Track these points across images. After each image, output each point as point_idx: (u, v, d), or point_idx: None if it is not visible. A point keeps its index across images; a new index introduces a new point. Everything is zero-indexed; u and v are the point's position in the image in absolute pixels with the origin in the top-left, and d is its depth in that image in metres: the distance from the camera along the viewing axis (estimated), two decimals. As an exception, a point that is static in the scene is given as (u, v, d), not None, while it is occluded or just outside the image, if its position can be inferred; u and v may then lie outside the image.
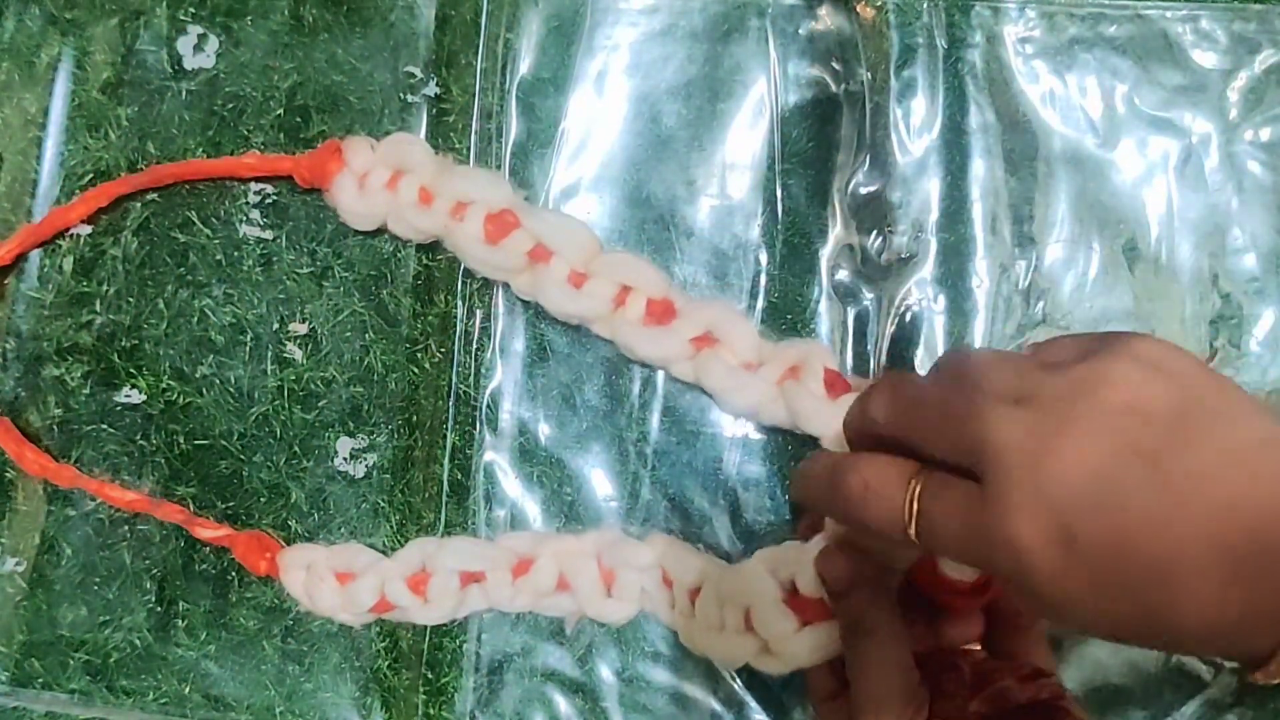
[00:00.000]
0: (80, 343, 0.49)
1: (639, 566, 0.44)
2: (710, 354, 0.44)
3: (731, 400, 0.44)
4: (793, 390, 0.42)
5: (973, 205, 0.46)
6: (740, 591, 0.41)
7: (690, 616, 0.43)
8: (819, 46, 0.48)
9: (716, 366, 0.44)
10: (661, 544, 0.44)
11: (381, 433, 0.48)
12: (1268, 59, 0.46)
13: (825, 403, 0.42)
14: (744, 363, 0.44)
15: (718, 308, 0.44)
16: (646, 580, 0.44)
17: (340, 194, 0.46)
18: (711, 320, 0.44)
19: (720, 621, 0.42)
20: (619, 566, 0.44)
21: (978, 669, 0.37)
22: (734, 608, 0.41)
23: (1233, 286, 0.45)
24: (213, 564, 0.48)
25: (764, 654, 0.41)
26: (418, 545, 0.45)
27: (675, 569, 0.44)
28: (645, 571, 0.44)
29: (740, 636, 0.41)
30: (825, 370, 0.42)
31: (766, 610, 0.40)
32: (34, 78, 0.50)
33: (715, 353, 0.44)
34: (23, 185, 0.50)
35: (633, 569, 0.44)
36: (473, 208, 0.44)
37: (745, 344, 0.44)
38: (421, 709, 0.46)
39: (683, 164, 0.47)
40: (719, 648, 0.42)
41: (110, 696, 0.47)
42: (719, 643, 0.42)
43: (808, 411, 0.42)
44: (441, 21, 0.49)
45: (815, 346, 0.44)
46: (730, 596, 0.41)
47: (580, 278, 0.44)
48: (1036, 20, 0.47)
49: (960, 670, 0.37)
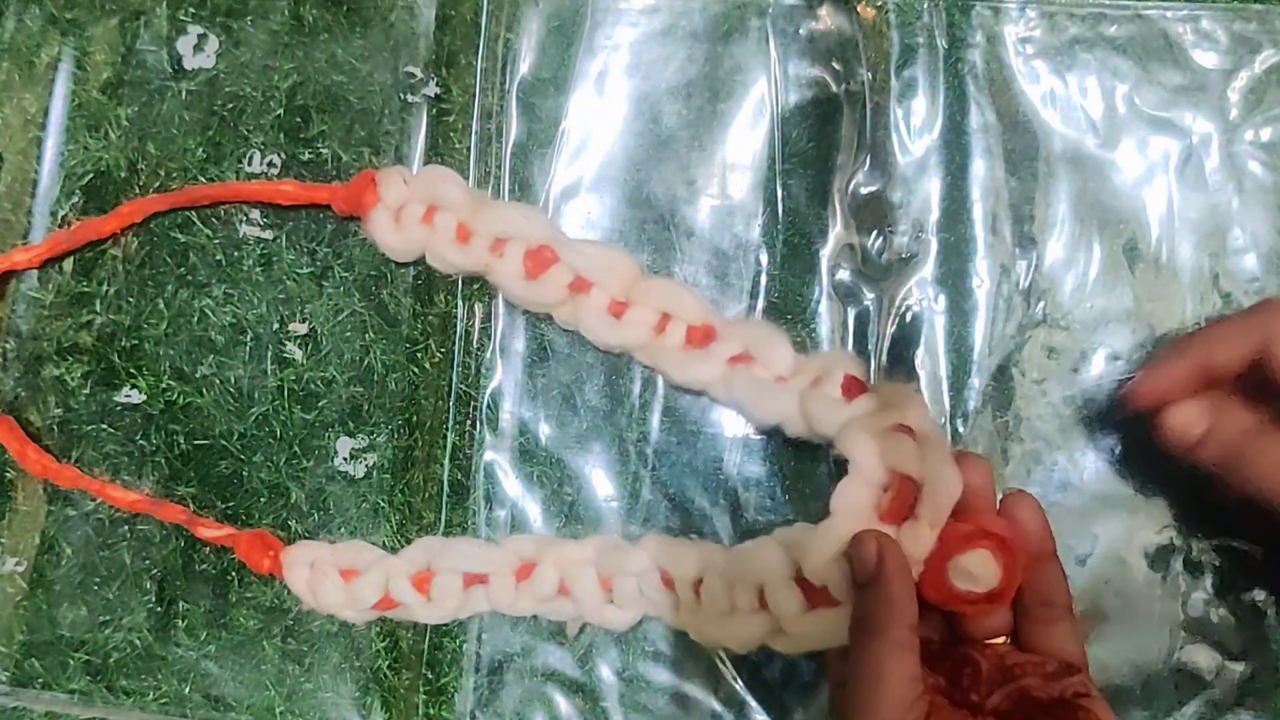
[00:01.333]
0: (80, 343, 0.49)
1: (634, 571, 0.44)
2: (744, 370, 0.44)
3: (758, 412, 0.44)
4: (810, 397, 0.43)
5: (973, 205, 0.46)
6: (752, 570, 0.41)
7: (696, 609, 0.43)
8: (819, 46, 0.48)
9: (746, 381, 0.44)
10: (654, 544, 0.44)
11: (381, 433, 0.48)
12: (1268, 59, 0.46)
13: (838, 404, 0.42)
14: (776, 376, 0.44)
15: (756, 328, 0.45)
16: (645, 584, 0.44)
17: (376, 228, 0.46)
18: (749, 340, 0.44)
19: (730, 604, 0.42)
20: (615, 573, 0.44)
21: (1000, 664, 0.36)
22: (745, 587, 0.41)
23: (1233, 286, 0.45)
24: (213, 564, 0.48)
25: (778, 633, 0.40)
26: (423, 544, 0.45)
27: (673, 566, 0.43)
28: (642, 576, 0.44)
29: (753, 616, 0.41)
30: (845, 376, 0.42)
31: (780, 587, 0.40)
32: (34, 78, 0.50)
33: (749, 369, 0.44)
34: (23, 185, 0.50)
35: (629, 575, 0.44)
36: (511, 244, 0.45)
37: (780, 359, 0.44)
38: (421, 709, 0.46)
39: (683, 164, 0.47)
40: (731, 630, 0.42)
41: (110, 696, 0.47)
42: (730, 625, 0.42)
43: (821, 415, 0.42)
44: (441, 21, 0.49)
45: (841, 356, 0.44)
46: (741, 576, 0.41)
47: (620, 306, 0.45)
48: (1037, 20, 0.47)
49: (977, 665, 0.36)
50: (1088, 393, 0.45)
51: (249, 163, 0.49)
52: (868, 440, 0.39)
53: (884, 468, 0.39)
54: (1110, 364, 0.45)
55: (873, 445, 0.39)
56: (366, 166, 0.48)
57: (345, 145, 0.49)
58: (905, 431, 0.39)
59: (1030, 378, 0.45)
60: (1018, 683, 0.35)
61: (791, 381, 0.44)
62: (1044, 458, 0.45)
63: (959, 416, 0.45)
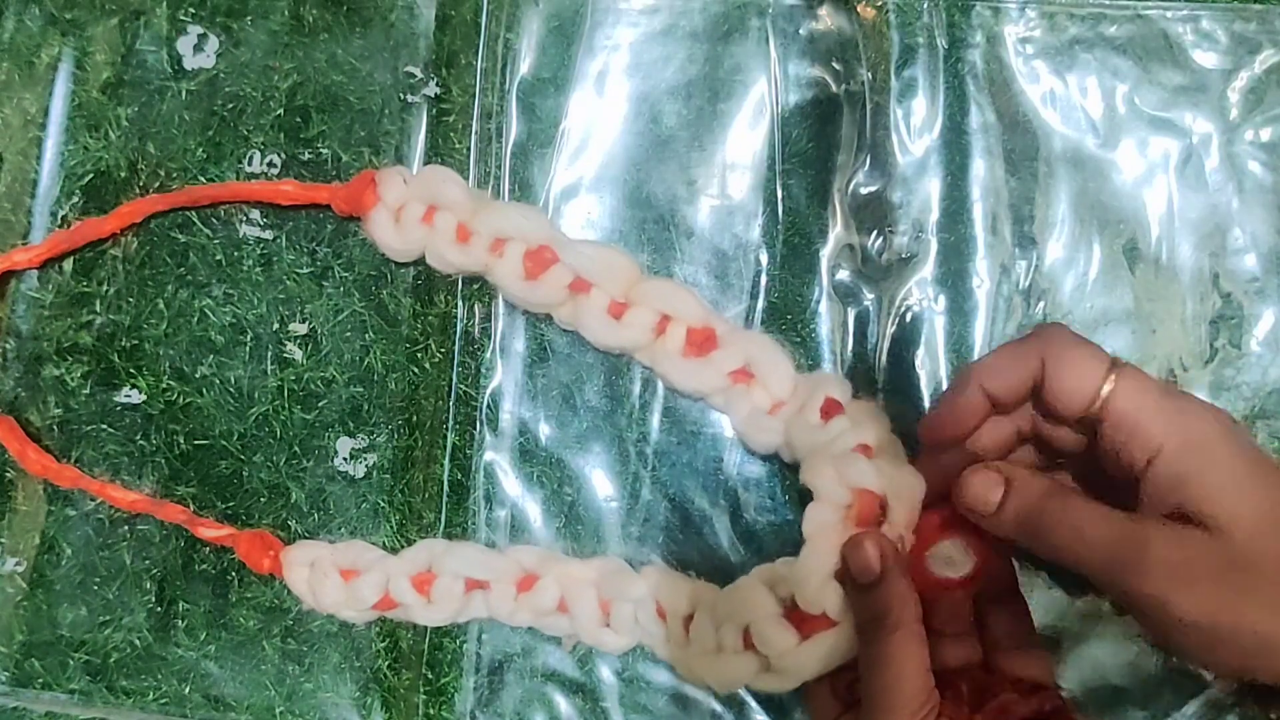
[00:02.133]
0: (80, 343, 0.49)
1: (633, 598, 0.44)
2: (743, 391, 0.44)
3: (753, 441, 0.45)
4: (794, 423, 0.43)
5: (973, 205, 0.46)
6: (737, 610, 0.41)
7: (685, 645, 0.43)
8: (819, 46, 0.48)
9: (744, 405, 0.44)
10: (655, 575, 0.44)
11: (381, 433, 0.48)
12: (1268, 59, 0.46)
13: (815, 428, 0.42)
14: (775, 402, 0.44)
15: (757, 341, 0.44)
16: (641, 612, 0.44)
17: (376, 228, 0.46)
18: (751, 354, 0.44)
19: (717, 644, 0.41)
20: (615, 598, 0.44)
21: (976, 685, 0.37)
22: (731, 627, 0.41)
23: (1233, 286, 0.45)
24: (213, 564, 0.48)
25: (764, 673, 0.40)
26: (425, 546, 0.45)
27: (667, 598, 0.43)
28: (639, 604, 0.44)
29: (738, 656, 0.40)
30: (825, 398, 0.42)
31: (765, 626, 0.39)
32: (34, 78, 0.50)
33: (748, 391, 0.44)
34: (23, 185, 0.50)
35: (628, 600, 0.44)
36: (511, 244, 0.45)
37: (781, 383, 0.44)
38: (421, 709, 0.46)
39: (683, 164, 0.47)
40: (717, 670, 0.41)
41: (110, 696, 0.47)
42: (717, 665, 0.41)
43: (799, 439, 0.42)
44: (441, 21, 0.49)
45: (826, 379, 0.44)
46: (727, 616, 0.41)
47: (620, 307, 0.45)
48: (1037, 20, 0.47)
49: (958, 689, 0.36)
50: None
51: (249, 163, 0.49)
52: (824, 466, 0.40)
53: (844, 487, 0.39)
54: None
55: (829, 470, 0.40)
56: (366, 166, 0.48)
57: (345, 145, 0.49)
58: (862, 450, 0.40)
59: (1030, 378, 0.45)
60: (999, 699, 0.36)
61: (785, 409, 0.44)
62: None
63: (959, 416, 0.45)
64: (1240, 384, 0.45)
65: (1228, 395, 0.45)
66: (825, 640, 0.38)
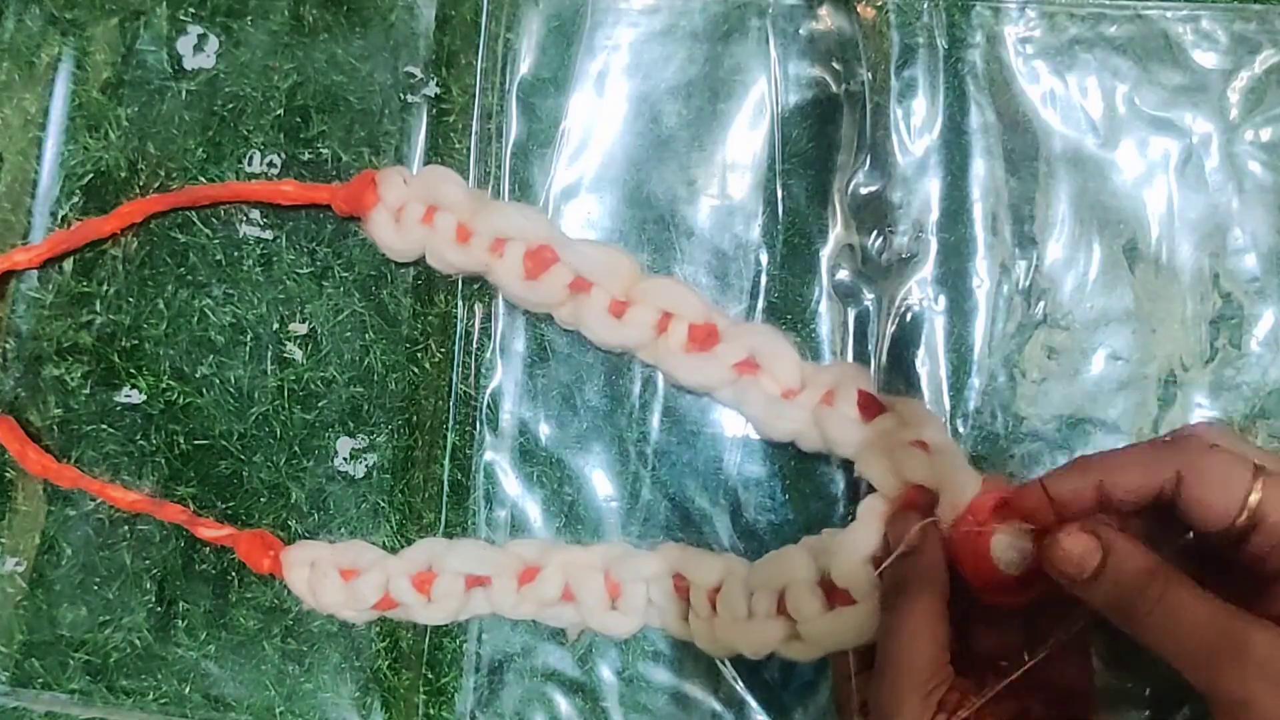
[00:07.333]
0: (80, 343, 0.49)
1: (646, 577, 0.44)
2: (751, 381, 0.44)
3: (771, 429, 0.44)
4: (826, 416, 0.43)
5: (973, 205, 0.46)
6: (776, 575, 0.42)
7: (710, 617, 0.43)
8: (819, 46, 0.48)
9: (756, 395, 0.44)
10: (675, 551, 0.44)
11: (381, 433, 0.48)
12: (1268, 59, 0.46)
13: (858, 426, 0.43)
14: (785, 389, 0.44)
15: (760, 332, 0.45)
16: (654, 591, 0.44)
17: (376, 228, 0.46)
18: (754, 346, 0.44)
19: (748, 610, 0.42)
20: (626, 579, 0.44)
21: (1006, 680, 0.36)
22: (765, 593, 0.42)
23: (1233, 286, 0.45)
24: (213, 564, 0.48)
25: (792, 639, 0.41)
26: (425, 545, 0.45)
27: (694, 572, 0.44)
28: (653, 582, 0.44)
29: (770, 620, 0.41)
30: (859, 393, 0.43)
31: (800, 589, 0.41)
32: (34, 78, 0.50)
33: (756, 380, 0.44)
34: (23, 185, 0.50)
35: (640, 581, 0.44)
36: (511, 244, 0.45)
37: (787, 371, 0.44)
38: (421, 709, 0.46)
39: (683, 164, 0.47)
40: (747, 636, 0.42)
41: (110, 696, 0.47)
42: (748, 630, 0.42)
43: (841, 437, 0.43)
44: (441, 21, 0.49)
45: (850, 369, 0.45)
46: (763, 583, 0.42)
47: (621, 306, 0.45)
48: (1037, 20, 0.47)
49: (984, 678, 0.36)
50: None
51: (249, 163, 0.49)
52: (884, 461, 0.41)
53: (901, 482, 0.40)
54: (1110, 364, 0.45)
55: (889, 465, 0.41)
56: (366, 166, 0.48)
57: (345, 145, 0.49)
58: (920, 446, 0.41)
59: (1030, 378, 0.45)
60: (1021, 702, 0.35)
61: (802, 396, 0.44)
62: (1044, 458, 0.45)
63: (959, 416, 0.45)
64: (1240, 384, 0.45)
65: (1228, 395, 0.45)
66: (847, 614, 0.39)
